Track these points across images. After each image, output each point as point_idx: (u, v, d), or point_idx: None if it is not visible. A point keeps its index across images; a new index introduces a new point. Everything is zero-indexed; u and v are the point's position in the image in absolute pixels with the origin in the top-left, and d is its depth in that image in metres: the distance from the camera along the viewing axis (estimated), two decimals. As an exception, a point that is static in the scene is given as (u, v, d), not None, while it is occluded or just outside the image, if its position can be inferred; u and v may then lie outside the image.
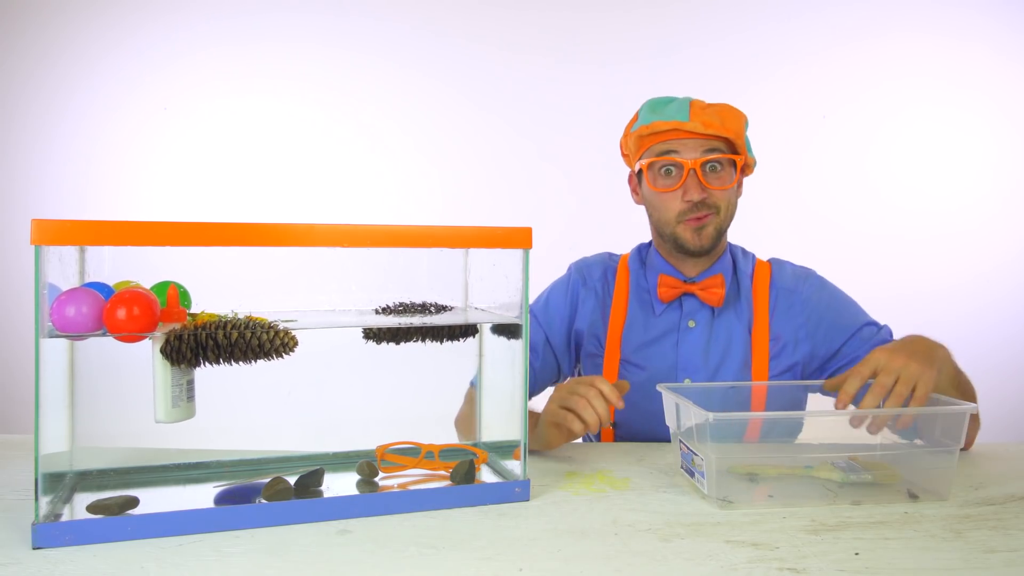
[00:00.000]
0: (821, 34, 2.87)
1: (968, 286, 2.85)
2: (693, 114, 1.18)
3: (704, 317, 1.27)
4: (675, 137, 1.20)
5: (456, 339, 0.99)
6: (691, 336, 1.26)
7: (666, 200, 1.23)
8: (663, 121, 1.19)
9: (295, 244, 0.81)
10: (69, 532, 0.76)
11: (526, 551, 0.76)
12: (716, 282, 1.26)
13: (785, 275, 1.31)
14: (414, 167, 2.92)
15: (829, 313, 1.27)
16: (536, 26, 2.90)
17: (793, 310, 1.27)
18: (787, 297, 1.28)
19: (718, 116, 1.19)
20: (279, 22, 2.91)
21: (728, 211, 1.23)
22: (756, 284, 1.29)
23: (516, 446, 0.95)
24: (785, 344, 1.26)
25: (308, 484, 0.91)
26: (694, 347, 1.26)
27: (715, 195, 1.20)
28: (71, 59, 2.94)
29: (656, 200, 1.24)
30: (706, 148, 1.19)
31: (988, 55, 2.85)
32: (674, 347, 1.26)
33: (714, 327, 1.27)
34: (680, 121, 1.18)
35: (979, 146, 2.86)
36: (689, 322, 1.27)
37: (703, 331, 1.26)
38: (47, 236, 0.73)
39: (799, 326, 1.26)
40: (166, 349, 0.82)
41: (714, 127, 1.18)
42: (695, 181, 1.19)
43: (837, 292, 1.31)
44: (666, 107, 1.21)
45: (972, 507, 0.90)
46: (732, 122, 1.20)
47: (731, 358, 1.25)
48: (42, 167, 2.95)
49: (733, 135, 1.19)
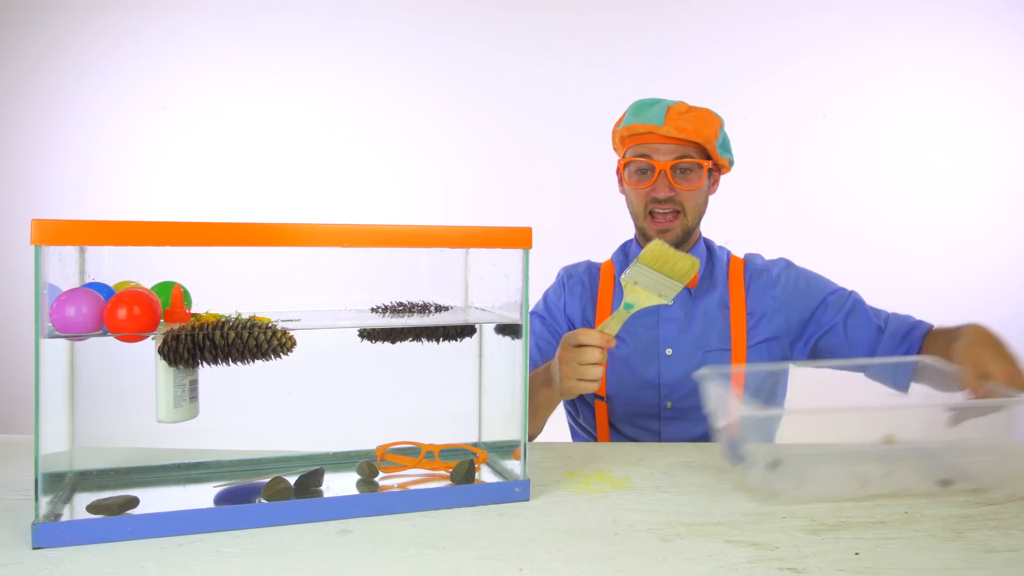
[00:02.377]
0: (821, 34, 2.87)
1: (969, 287, 2.84)
2: (668, 119, 1.29)
3: (681, 296, 1.38)
4: (650, 141, 1.32)
5: (453, 339, 0.99)
6: (669, 313, 1.38)
7: (638, 196, 1.35)
8: (641, 124, 1.30)
9: (295, 244, 0.81)
10: (69, 532, 0.76)
11: (526, 551, 0.76)
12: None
13: (757, 260, 1.44)
14: (414, 167, 2.92)
15: (799, 284, 1.39)
16: (537, 26, 2.90)
17: (765, 287, 1.38)
18: (759, 276, 1.40)
19: (692, 122, 1.29)
20: (279, 22, 2.91)
21: (695, 211, 1.35)
22: (731, 269, 1.42)
23: (516, 446, 0.95)
24: (760, 317, 1.37)
25: (308, 484, 0.91)
26: (672, 323, 1.37)
27: (682, 195, 1.32)
28: (71, 59, 2.94)
29: (631, 195, 1.38)
30: (678, 154, 1.31)
31: (988, 55, 2.85)
32: (656, 323, 1.38)
33: (691, 305, 1.38)
34: (655, 125, 1.29)
35: (980, 146, 2.86)
36: None
37: (680, 308, 1.38)
38: (47, 236, 0.73)
39: (771, 298, 1.38)
40: (163, 350, 0.82)
41: (686, 132, 1.28)
42: (664, 181, 1.31)
43: (804, 269, 1.43)
44: (647, 110, 1.31)
45: (972, 507, 0.90)
46: (705, 128, 1.30)
47: (709, 332, 1.36)
48: (42, 167, 2.95)
49: (704, 140, 1.30)
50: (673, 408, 1.35)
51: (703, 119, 1.30)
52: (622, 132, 1.35)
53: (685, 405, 1.35)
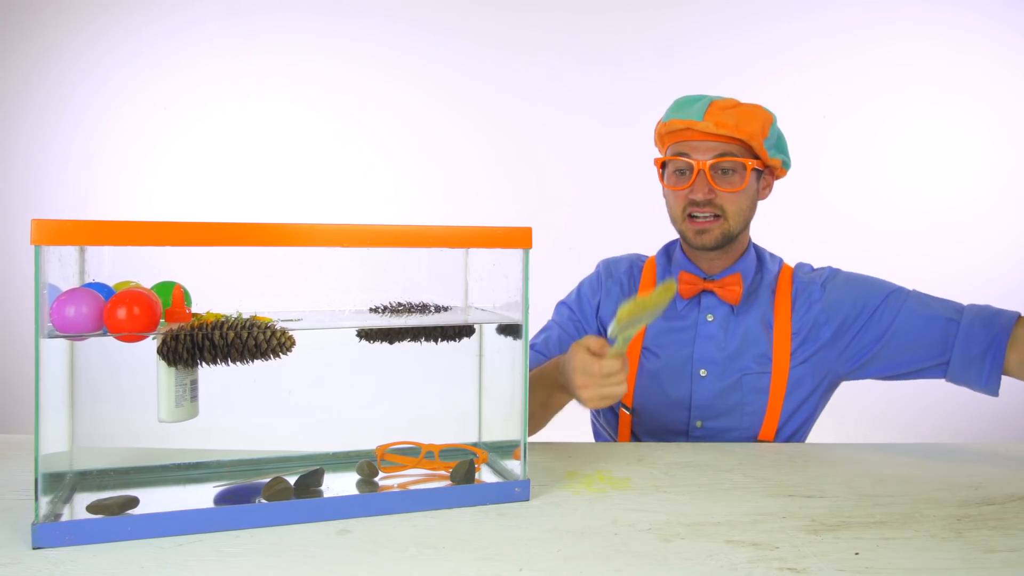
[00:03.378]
0: (821, 34, 2.87)
1: (967, 286, 2.83)
2: (709, 114, 1.19)
3: (722, 312, 1.29)
4: (688, 138, 1.22)
5: (451, 340, 0.99)
6: (708, 329, 1.28)
7: (676, 197, 1.26)
8: (679, 120, 1.21)
9: (295, 244, 0.81)
10: (69, 532, 0.76)
11: (526, 551, 0.76)
12: (734, 280, 1.28)
13: (803, 270, 1.34)
14: (414, 167, 2.93)
15: (849, 288, 1.27)
16: (537, 26, 2.90)
17: (812, 301, 1.28)
18: (805, 288, 1.29)
19: (735, 118, 1.19)
20: (279, 22, 2.91)
21: (738, 216, 1.24)
22: (780, 281, 1.31)
23: (516, 446, 0.95)
24: (807, 335, 1.27)
25: (308, 484, 0.91)
26: (710, 340, 1.28)
27: (721, 196, 1.22)
28: (71, 59, 2.94)
29: (668, 197, 1.29)
30: (718, 152, 1.21)
31: (988, 55, 2.85)
32: (692, 339, 1.29)
33: (732, 323, 1.28)
34: (694, 121, 1.20)
35: (978, 146, 2.87)
36: (707, 316, 1.30)
37: (720, 325, 1.28)
38: (47, 236, 0.73)
39: (819, 311, 1.27)
40: (163, 349, 0.82)
41: (727, 128, 1.19)
42: (703, 181, 1.22)
43: (853, 274, 1.32)
44: (689, 106, 1.22)
45: (972, 507, 0.90)
46: (749, 124, 1.20)
47: (747, 351, 1.26)
48: (42, 167, 2.95)
49: (748, 137, 1.20)
50: (703, 428, 1.27)
51: (748, 114, 1.20)
52: (661, 129, 1.26)
53: (716, 426, 1.27)
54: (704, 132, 1.20)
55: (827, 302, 1.27)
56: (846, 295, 1.27)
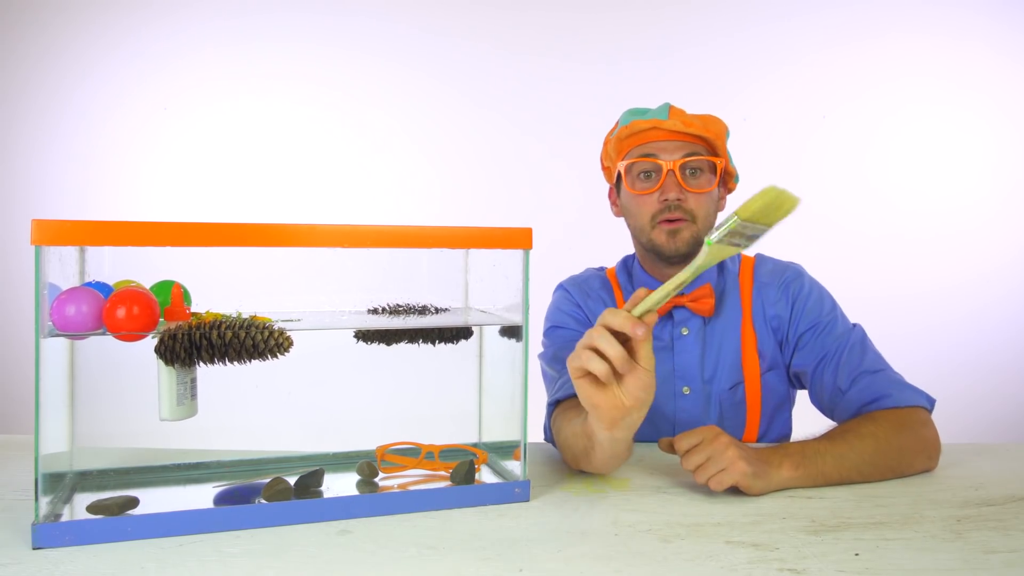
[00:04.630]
0: (821, 34, 2.87)
1: (968, 286, 2.85)
2: (673, 114, 1.18)
3: (696, 324, 1.25)
4: (655, 139, 1.19)
5: (449, 341, 0.99)
6: (686, 343, 1.24)
7: (642, 203, 1.21)
8: (643, 120, 1.18)
9: (295, 244, 0.81)
10: (69, 532, 0.76)
11: (526, 551, 0.76)
12: (705, 292, 1.24)
13: (767, 264, 1.29)
14: (414, 167, 2.93)
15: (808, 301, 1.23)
16: (537, 26, 2.90)
17: (773, 294, 1.24)
18: (768, 280, 1.26)
19: (699, 118, 1.19)
20: (279, 22, 2.91)
21: (706, 220, 1.21)
22: (742, 280, 1.28)
23: (516, 446, 0.95)
24: (767, 336, 1.24)
25: (308, 484, 0.91)
26: (690, 354, 1.24)
27: (692, 199, 1.19)
28: (71, 59, 2.94)
29: (633, 204, 1.23)
30: (686, 151, 1.18)
31: (988, 55, 2.85)
32: (670, 356, 1.25)
33: (707, 332, 1.25)
34: (659, 120, 1.17)
35: (979, 146, 2.87)
36: (682, 330, 1.26)
37: (696, 337, 1.24)
38: (47, 236, 0.73)
39: (775, 303, 1.23)
40: (160, 349, 0.82)
41: (694, 127, 1.17)
42: (673, 181, 1.18)
43: (817, 284, 1.27)
44: (647, 110, 1.22)
45: (972, 507, 0.90)
46: (714, 124, 1.19)
47: (723, 360, 1.23)
48: (42, 167, 2.95)
49: (713, 136, 1.18)
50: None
51: (710, 117, 1.20)
52: (620, 134, 1.22)
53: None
54: (671, 131, 1.17)
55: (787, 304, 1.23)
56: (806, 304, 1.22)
